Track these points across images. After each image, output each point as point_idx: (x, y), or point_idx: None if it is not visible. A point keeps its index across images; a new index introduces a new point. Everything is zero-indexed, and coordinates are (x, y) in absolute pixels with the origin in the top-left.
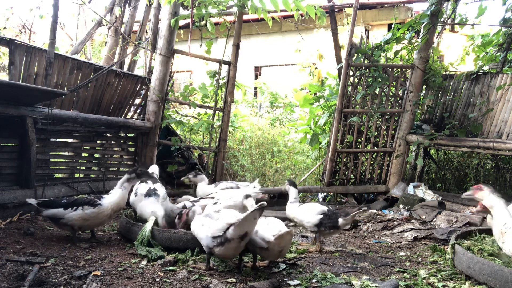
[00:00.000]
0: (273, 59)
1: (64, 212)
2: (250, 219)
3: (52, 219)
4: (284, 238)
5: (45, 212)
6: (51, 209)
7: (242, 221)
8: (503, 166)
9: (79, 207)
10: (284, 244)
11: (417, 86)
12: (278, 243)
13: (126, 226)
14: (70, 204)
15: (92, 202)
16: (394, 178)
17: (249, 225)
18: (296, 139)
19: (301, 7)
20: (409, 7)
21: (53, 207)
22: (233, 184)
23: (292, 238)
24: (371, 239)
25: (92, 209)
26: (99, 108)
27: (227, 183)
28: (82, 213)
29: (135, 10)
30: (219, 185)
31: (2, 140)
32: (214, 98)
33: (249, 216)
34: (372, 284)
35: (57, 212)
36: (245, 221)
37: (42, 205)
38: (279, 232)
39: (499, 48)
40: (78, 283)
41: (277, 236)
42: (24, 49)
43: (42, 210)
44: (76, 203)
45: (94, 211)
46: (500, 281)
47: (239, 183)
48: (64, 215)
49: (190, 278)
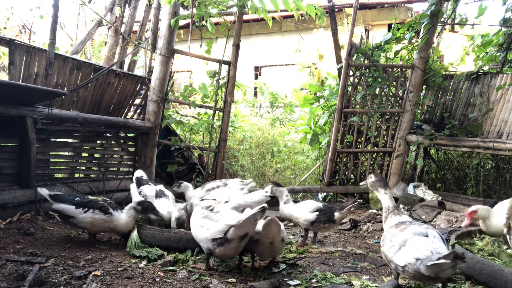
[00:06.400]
0: (273, 59)
1: (75, 211)
2: (250, 220)
3: (61, 215)
4: (271, 226)
5: (55, 206)
6: (62, 204)
7: (242, 223)
8: (503, 166)
9: (90, 210)
10: (272, 234)
11: (417, 86)
12: (266, 233)
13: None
14: (82, 204)
15: (105, 208)
16: (394, 178)
17: (249, 226)
18: (296, 139)
19: (301, 6)
20: (409, 7)
21: (65, 202)
22: (220, 182)
23: (280, 229)
24: (371, 239)
25: (102, 216)
26: (99, 108)
27: (213, 183)
28: (91, 217)
29: (135, 10)
30: (205, 186)
31: (2, 140)
32: (214, 98)
33: (249, 218)
34: (372, 284)
35: (67, 209)
36: (246, 222)
37: (54, 199)
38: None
39: (499, 48)
40: (78, 283)
41: (264, 225)
42: (24, 49)
43: (52, 203)
44: (88, 205)
45: (103, 218)
46: (500, 281)
47: (227, 181)
48: (74, 215)
49: (190, 278)
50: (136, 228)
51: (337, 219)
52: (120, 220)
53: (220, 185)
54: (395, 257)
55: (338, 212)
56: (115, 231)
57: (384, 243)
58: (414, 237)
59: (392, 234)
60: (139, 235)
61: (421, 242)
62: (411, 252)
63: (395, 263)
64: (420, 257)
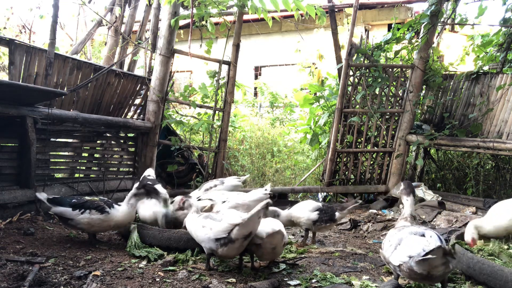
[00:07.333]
0: (273, 59)
1: (72, 213)
2: (255, 218)
3: (60, 218)
4: (275, 237)
5: (53, 209)
6: (60, 207)
7: (248, 221)
8: (503, 166)
9: (87, 211)
10: (276, 242)
11: (417, 86)
12: (270, 241)
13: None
14: (78, 205)
15: (101, 208)
16: (394, 178)
17: (253, 225)
18: (296, 139)
19: (301, 7)
20: (409, 7)
21: (62, 205)
22: (217, 181)
23: (283, 238)
24: (371, 239)
25: (99, 215)
26: (99, 108)
27: (211, 182)
28: (89, 218)
29: (135, 10)
30: (203, 187)
31: (2, 140)
32: (214, 98)
33: (254, 215)
34: (372, 284)
35: (65, 212)
36: (250, 220)
37: (52, 202)
38: (271, 231)
39: (499, 48)
40: (78, 283)
41: (269, 234)
42: (24, 49)
43: (50, 207)
44: (85, 205)
45: (100, 218)
46: (500, 281)
47: (224, 179)
48: (72, 217)
49: (190, 278)
50: (136, 228)
51: (338, 218)
52: (118, 215)
53: (217, 183)
54: (391, 257)
55: (339, 212)
56: (116, 227)
57: (384, 245)
58: (409, 236)
59: (390, 234)
60: (139, 235)
61: (416, 241)
62: (405, 250)
63: (393, 264)
64: (413, 254)
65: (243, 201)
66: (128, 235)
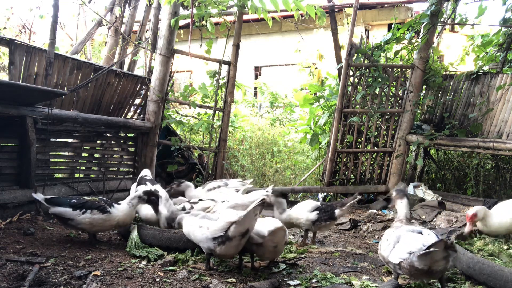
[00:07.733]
0: (273, 59)
1: (73, 213)
2: (251, 215)
3: (59, 218)
4: (277, 233)
5: (52, 210)
6: (59, 208)
7: (244, 218)
8: (503, 166)
9: (88, 211)
10: (277, 240)
11: (417, 86)
12: (271, 238)
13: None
14: (79, 205)
15: (102, 208)
16: (394, 178)
17: (250, 222)
18: (296, 139)
19: (301, 7)
20: (409, 7)
21: (62, 205)
22: (221, 182)
23: (285, 235)
24: (371, 239)
25: (101, 215)
26: (99, 108)
27: (214, 183)
28: (90, 218)
29: (135, 10)
30: (206, 186)
31: (2, 140)
32: (214, 98)
33: (250, 212)
34: (372, 284)
35: (65, 212)
36: (247, 217)
37: (50, 202)
38: (273, 228)
39: (499, 48)
40: (78, 283)
41: (271, 232)
42: (24, 49)
43: (49, 208)
44: (85, 205)
45: (102, 217)
46: (500, 281)
47: (228, 181)
48: (72, 217)
49: (190, 278)
50: (136, 228)
51: (338, 216)
52: (119, 215)
53: (221, 185)
54: (390, 256)
55: (339, 209)
56: (118, 226)
57: (381, 245)
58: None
59: (387, 234)
60: (139, 235)
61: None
62: (404, 247)
63: (392, 263)
64: (413, 250)
65: (243, 201)
66: (128, 235)
